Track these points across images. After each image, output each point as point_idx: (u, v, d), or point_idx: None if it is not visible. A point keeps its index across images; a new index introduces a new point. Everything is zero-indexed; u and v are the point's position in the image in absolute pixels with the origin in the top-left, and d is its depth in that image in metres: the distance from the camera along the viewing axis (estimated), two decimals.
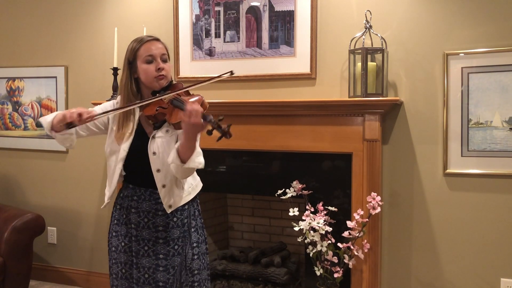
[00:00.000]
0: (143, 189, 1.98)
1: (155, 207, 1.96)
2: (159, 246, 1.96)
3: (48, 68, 3.71)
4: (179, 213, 2.00)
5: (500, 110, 2.60)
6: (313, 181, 2.86)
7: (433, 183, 2.75)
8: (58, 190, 3.77)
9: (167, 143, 1.92)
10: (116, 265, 2.02)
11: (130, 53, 1.96)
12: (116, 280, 2.02)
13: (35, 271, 3.65)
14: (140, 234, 1.97)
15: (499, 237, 2.64)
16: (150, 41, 1.97)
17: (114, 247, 2.03)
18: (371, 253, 2.70)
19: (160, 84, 1.95)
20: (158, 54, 1.95)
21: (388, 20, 2.80)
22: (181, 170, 1.82)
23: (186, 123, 1.70)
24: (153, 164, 1.92)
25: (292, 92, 3.00)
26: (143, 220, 1.97)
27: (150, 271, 1.95)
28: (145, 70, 1.94)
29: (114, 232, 2.05)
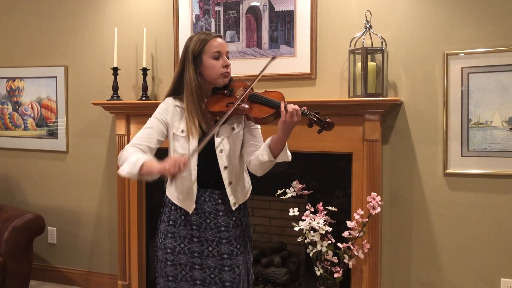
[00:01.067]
0: (202, 189, 1.96)
1: (215, 208, 1.97)
2: (222, 246, 1.97)
3: (48, 68, 3.71)
4: (237, 212, 2.02)
5: (500, 110, 2.60)
6: (313, 181, 2.86)
7: (433, 183, 2.75)
8: (58, 190, 3.77)
9: (233, 140, 1.94)
10: (174, 267, 1.99)
11: (196, 48, 1.92)
12: (174, 282, 1.99)
13: (35, 271, 3.65)
14: (203, 235, 1.97)
15: (499, 237, 2.64)
16: (215, 37, 1.95)
17: (170, 248, 2.00)
18: (371, 253, 2.70)
19: (224, 81, 1.95)
20: (224, 51, 1.95)
21: (388, 20, 2.80)
22: (267, 166, 1.89)
23: (286, 121, 1.76)
24: (221, 161, 1.92)
25: (292, 92, 3.00)
26: (205, 221, 1.97)
27: (216, 271, 1.96)
28: (212, 66, 1.91)
29: (169, 233, 2.01)
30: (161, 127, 1.94)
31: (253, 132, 1.98)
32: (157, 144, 1.94)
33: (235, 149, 1.95)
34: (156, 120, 1.95)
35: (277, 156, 1.85)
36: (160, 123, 1.95)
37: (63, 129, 3.70)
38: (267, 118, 1.83)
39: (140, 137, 1.92)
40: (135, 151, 1.86)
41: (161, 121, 1.95)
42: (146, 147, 1.89)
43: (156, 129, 1.93)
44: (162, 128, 1.94)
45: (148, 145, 1.90)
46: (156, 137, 1.93)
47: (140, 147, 1.88)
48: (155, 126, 1.94)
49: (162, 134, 1.95)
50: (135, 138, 1.91)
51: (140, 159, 1.77)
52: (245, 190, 2.05)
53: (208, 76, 1.93)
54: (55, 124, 3.72)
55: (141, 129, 1.95)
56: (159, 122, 1.95)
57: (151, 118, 1.97)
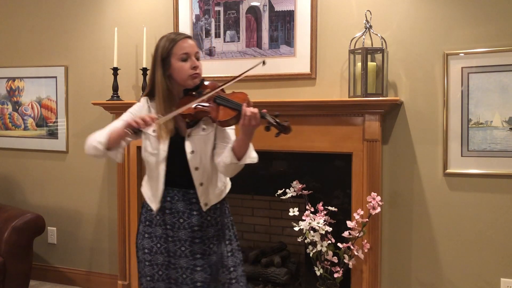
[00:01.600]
0: (176, 189, 1.97)
1: (189, 207, 1.97)
2: (195, 246, 1.97)
3: (48, 68, 3.71)
4: (212, 211, 2.02)
5: (500, 110, 2.60)
6: (313, 181, 2.86)
7: (433, 183, 2.75)
8: (58, 190, 3.77)
9: (204, 141, 1.94)
10: (152, 267, 2.00)
11: (164, 50, 1.92)
12: (152, 282, 2.01)
13: (35, 271, 3.65)
14: (177, 235, 1.97)
15: (499, 237, 2.64)
16: (184, 38, 1.95)
17: (147, 249, 2.02)
18: (371, 253, 2.70)
19: (194, 83, 1.95)
20: (193, 52, 1.94)
21: (388, 20, 2.80)
22: (233, 168, 1.86)
23: (245, 125, 1.74)
24: (191, 162, 1.92)
25: (292, 92, 3.00)
26: (178, 220, 1.97)
27: (188, 271, 1.96)
28: (181, 67, 1.92)
29: (146, 233, 2.03)
30: None
31: (223, 133, 1.96)
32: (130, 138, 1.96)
33: (206, 150, 1.94)
34: (130, 114, 1.99)
35: (241, 159, 1.82)
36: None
37: (63, 129, 3.70)
38: (230, 121, 1.83)
39: (110, 126, 1.95)
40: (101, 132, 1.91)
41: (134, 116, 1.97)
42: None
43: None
44: None
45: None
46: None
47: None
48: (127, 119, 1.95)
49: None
50: (105, 128, 1.95)
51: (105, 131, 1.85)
52: (217, 190, 2.02)
53: (177, 78, 1.94)
54: (55, 124, 3.72)
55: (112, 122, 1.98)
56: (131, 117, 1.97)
57: (125, 112, 2.01)
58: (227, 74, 3.13)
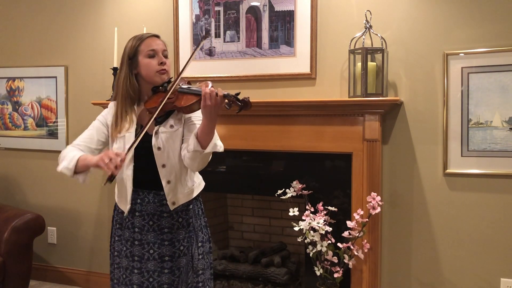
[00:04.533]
0: (146, 191, 1.96)
1: (160, 209, 1.95)
2: (164, 248, 1.95)
3: (48, 68, 3.71)
4: (184, 213, 1.99)
5: (500, 110, 2.60)
6: (313, 181, 2.86)
7: (433, 183, 2.75)
8: (58, 190, 3.76)
9: (171, 137, 1.92)
10: (119, 269, 2.00)
11: (131, 49, 1.96)
12: (117, 285, 2.01)
13: (35, 271, 3.65)
14: (145, 238, 1.95)
15: (499, 237, 2.64)
16: (150, 37, 1.99)
17: (117, 251, 2.02)
18: (371, 253, 2.70)
19: (162, 79, 1.95)
20: (160, 49, 1.97)
21: (388, 20, 2.80)
22: (200, 158, 1.82)
23: (206, 105, 1.72)
24: (158, 159, 1.91)
25: (292, 92, 3.00)
26: (148, 223, 1.95)
27: (155, 274, 1.93)
28: (147, 64, 1.94)
29: (117, 236, 2.03)
30: (102, 128, 2.01)
31: (190, 128, 1.94)
32: (98, 145, 2.00)
33: (174, 147, 1.92)
34: (97, 122, 2.03)
35: (206, 147, 1.78)
36: (101, 124, 2.02)
37: (63, 129, 3.70)
38: (192, 105, 1.83)
39: (81, 137, 2.00)
40: (74, 149, 1.93)
41: (102, 122, 2.02)
42: (86, 147, 1.96)
43: (97, 130, 2.00)
44: (103, 129, 2.01)
45: (88, 145, 1.96)
46: (96, 138, 1.99)
47: (80, 147, 1.95)
48: (96, 127, 2.01)
49: (104, 135, 2.01)
50: (77, 139, 1.99)
51: (76, 155, 1.86)
52: (187, 189, 1.99)
53: (145, 75, 1.95)
54: (55, 124, 3.72)
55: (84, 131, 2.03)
56: (100, 123, 2.02)
57: (94, 121, 2.05)
58: (227, 74, 3.14)
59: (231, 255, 3.31)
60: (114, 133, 1.96)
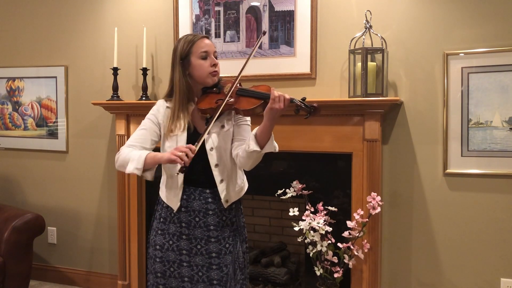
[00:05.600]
0: (193, 188, 1.99)
1: (205, 207, 1.98)
2: (211, 244, 1.98)
3: (48, 68, 3.71)
4: (228, 212, 2.03)
5: (500, 110, 2.60)
6: (313, 181, 2.86)
7: (433, 183, 2.75)
8: (58, 190, 3.77)
9: (223, 137, 1.96)
10: (163, 263, 2.01)
11: (183, 50, 1.97)
12: (163, 278, 2.01)
13: (35, 271, 3.65)
14: (192, 233, 1.98)
15: (499, 237, 2.64)
16: (202, 38, 2.00)
17: (159, 245, 2.03)
18: (371, 253, 2.70)
19: (213, 80, 1.98)
20: (212, 50, 1.99)
21: (388, 20, 2.80)
22: (255, 157, 1.86)
23: (274, 108, 1.76)
24: (211, 159, 1.95)
25: (292, 92, 2.96)
26: (194, 219, 1.98)
27: (203, 269, 1.97)
28: (201, 65, 1.96)
29: (159, 230, 2.04)
30: (154, 128, 2.01)
31: (241, 128, 1.99)
32: (152, 144, 2.01)
33: (226, 146, 1.97)
34: (149, 121, 2.02)
35: (264, 146, 1.83)
36: (153, 123, 2.01)
37: (63, 129, 3.70)
38: (255, 109, 1.86)
39: (135, 138, 1.99)
40: (132, 150, 1.94)
41: (153, 121, 2.02)
42: (141, 147, 1.97)
43: (149, 130, 2.00)
44: (155, 128, 2.01)
45: (142, 146, 1.97)
46: (150, 138, 2.00)
47: (136, 148, 1.96)
48: (148, 127, 2.01)
49: (156, 134, 2.01)
50: (130, 140, 1.99)
51: (142, 154, 1.88)
52: (237, 187, 2.05)
53: (197, 76, 1.97)
54: (55, 124, 3.72)
55: (135, 131, 2.03)
56: (151, 122, 2.02)
57: (144, 120, 2.04)
58: (227, 74, 3.13)
59: None
60: (167, 132, 1.97)
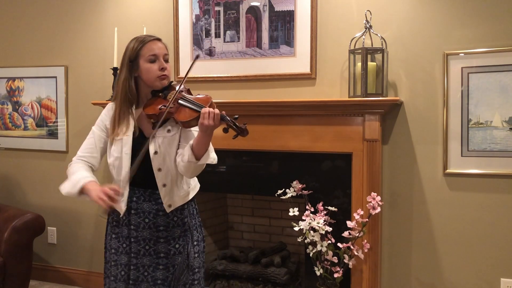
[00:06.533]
0: (142, 189, 1.97)
1: (155, 208, 1.97)
2: (160, 245, 1.97)
3: (48, 68, 3.71)
4: (179, 212, 2.01)
5: (500, 110, 2.60)
6: (313, 181, 2.86)
7: (433, 183, 2.75)
8: (58, 190, 3.71)
9: (168, 142, 1.94)
10: (116, 267, 2.01)
11: (132, 52, 1.95)
12: (114, 282, 2.01)
13: (35, 271, 3.65)
14: (141, 235, 1.97)
15: (499, 237, 2.64)
16: (152, 40, 1.97)
17: (114, 249, 2.02)
18: (371, 253, 2.70)
19: (162, 84, 1.96)
20: (161, 54, 1.96)
21: (388, 20, 2.80)
22: (193, 168, 1.86)
23: (203, 124, 1.76)
24: (154, 163, 1.93)
25: (292, 92, 3.00)
26: (144, 220, 1.97)
27: (150, 269, 1.96)
28: (148, 69, 1.93)
29: (113, 234, 2.03)
30: (101, 134, 2.03)
31: (187, 134, 1.96)
32: (101, 151, 2.03)
33: (171, 151, 1.94)
34: (96, 128, 2.04)
35: (200, 158, 1.82)
36: (100, 130, 2.03)
37: (63, 129, 3.70)
38: (191, 122, 1.85)
39: (84, 148, 2.03)
40: (80, 167, 1.98)
41: (101, 127, 2.03)
42: (90, 157, 2.01)
43: (97, 137, 2.02)
44: (102, 135, 2.03)
45: (91, 155, 2.01)
46: (98, 145, 2.02)
47: (84, 159, 2.00)
48: (96, 135, 2.03)
49: (104, 140, 2.03)
50: (80, 150, 2.03)
51: (81, 180, 1.91)
52: (182, 192, 2.01)
53: (145, 79, 1.96)
54: (55, 124, 3.72)
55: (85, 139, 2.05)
56: (99, 129, 2.03)
57: (93, 127, 2.06)
58: (227, 74, 3.14)
59: (231, 255, 3.31)
60: (111, 136, 1.98)
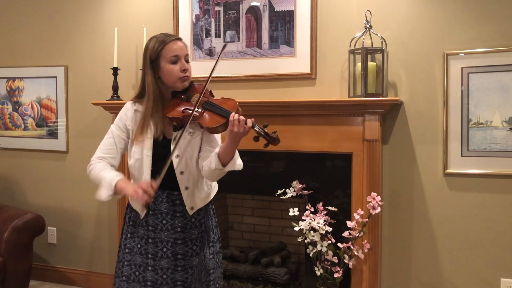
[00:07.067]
0: (160, 191, 1.95)
1: (173, 209, 1.96)
2: (177, 247, 1.96)
3: (48, 68, 3.71)
4: (197, 213, 2.00)
5: (500, 110, 2.60)
6: (313, 181, 2.86)
7: (433, 183, 2.75)
8: (58, 190, 3.77)
9: (190, 145, 1.93)
10: (130, 267, 1.99)
11: (153, 52, 1.91)
12: (127, 283, 1.99)
13: (35, 271, 3.65)
14: (159, 236, 1.96)
15: (499, 237, 2.64)
16: (173, 40, 1.93)
17: (128, 248, 2.01)
18: (371, 253, 2.70)
19: (184, 85, 1.94)
20: (183, 54, 1.92)
21: (388, 20, 2.80)
22: (217, 173, 1.85)
23: (233, 131, 1.74)
24: (177, 166, 1.92)
25: (292, 92, 3.00)
26: (161, 222, 1.96)
27: (168, 271, 1.95)
28: (170, 70, 1.90)
29: (129, 233, 2.02)
30: (121, 135, 1.99)
31: (210, 137, 1.95)
32: (121, 152, 2.00)
33: (193, 154, 1.93)
34: (116, 127, 2.00)
35: (226, 165, 1.81)
36: (120, 130, 1.99)
37: (63, 129, 3.70)
38: (218, 128, 1.83)
39: (103, 148, 2.00)
40: (105, 166, 1.94)
41: (120, 128, 1.99)
42: (111, 158, 1.98)
43: (117, 137, 1.99)
44: (122, 135, 1.99)
45: (111, 156, 1.98)
46: (117, 146, 1.99)
47: (105, 160, 1.97)
48: (115, 135, 1.99)
49: (123, 142, 2.00)
50: (99, 150, 2.00)
51: (113, 179, 1.86)
52: (203, 194, 2.00)
53: (166, 80, 1.93)
54: (55, 124, 3.72)
55: (103, 139, 2.02)
56: (118, 129, 1.99)
57: (111, 126, 2.03)
58: (227, 74, 3.14)
59: (231, 255, 3.31)
60: (135, 138, 1.94)
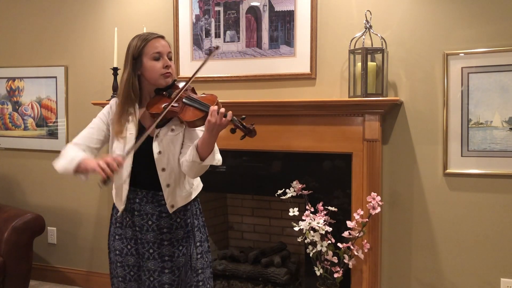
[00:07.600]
0: (145, 191, 1.96)
1: (158, 209, 1.96)
2: (164, 248, 1.96)
3: (48, 68, 3.71)
4: (182, 213, 2.00)
5: (500, 110, 2.60)
6: (313, 181, 2.86)
7: (433, 183, 2.75)
8: (58, 190, 3.76)
9: (172, 141, 1.92)
10: (123, 268, 2.00)
11: (135, 49, 1.93)
12: (123, 283, 2.00)
13: (35, 271, 3.65)
14: (145, 237, 1.96)
15: (499, 237, 2.64)
16: (156, 38, 1.96)
17: (118, 250, 2.01)
18: (371, 253, 2.70)
19: (167, 82, 1.94)
20: (165, 51, 1.95)
21: (388, 20, 2.80)
22: (197, 168, 1.83)
23: (211, 122, 1.73)
24: (158, 163, 1.91)
25: (292, 92, 3.00)
26: (147, 222, 1.96)
27: (155, 274, 1.95)
28: (152, 67, 1.91)
29: (117, 235, 2.03)
30: (102, 127, 1.99)
31: (192, 134, 1.94)
32: (98, 144, 1.99)
33: (174, 151, 1.92)
34: (98, 120, 2.01)
35: (205, 159, 1.80)
36: (102, 123, 2.00)
37: (63, 129, 3.70)
38: (196, 121, 1.84)
39: (81, 136, 1.98)
40: (76, 150, 1.92)
41: (103, 121, 2.00)
42: (86, 146, 1.96)
43: (97, 129, 1.99)
44: (103, 128, 1.99)
45: (88, 145, 1.96)
46: (96, 137, 1.98)
47: (80, 146, 1.94)
48: (96, 126, 2.00)
49: (103, 133, 2.00)
50: (76, 138, 1.98)
51: (77, 156, 1.84)
52: (185, 193, 1.99)
53: (149, 77, 1.94)
54: (55, 124, 3.72)
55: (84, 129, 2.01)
56: (101, 122, 2.00)
57: (95, 118, 2.03)
58: (227, 74, 3.14)
59: (231, 255, 3.31)
60: (114, 133, 1.95)
